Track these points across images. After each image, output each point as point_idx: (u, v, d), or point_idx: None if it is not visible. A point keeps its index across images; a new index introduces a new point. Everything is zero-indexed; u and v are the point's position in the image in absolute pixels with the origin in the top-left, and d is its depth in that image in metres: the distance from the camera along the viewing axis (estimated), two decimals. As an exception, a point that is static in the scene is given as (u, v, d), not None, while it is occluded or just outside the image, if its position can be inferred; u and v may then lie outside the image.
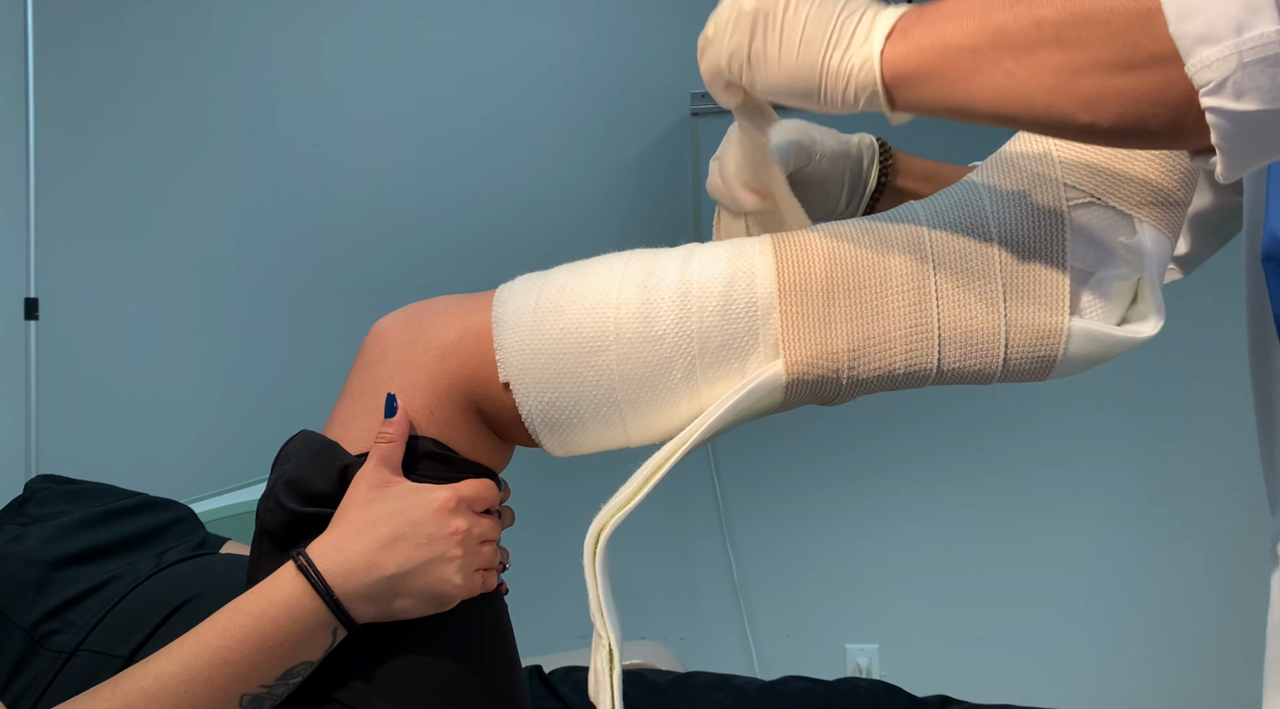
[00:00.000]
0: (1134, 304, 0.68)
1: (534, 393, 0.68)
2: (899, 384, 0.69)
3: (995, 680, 2.01)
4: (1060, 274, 0.65)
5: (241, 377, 2.17)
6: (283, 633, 0.62)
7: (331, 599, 0.63)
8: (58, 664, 0.75)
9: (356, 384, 0.71)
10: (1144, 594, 1.98)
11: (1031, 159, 0.69)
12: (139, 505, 0.96)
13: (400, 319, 0.72)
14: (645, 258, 0.72)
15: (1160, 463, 1.96)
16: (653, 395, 0.68)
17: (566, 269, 0.73)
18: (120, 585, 0.81)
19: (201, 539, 0.97)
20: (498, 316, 0.69)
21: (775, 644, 2.07)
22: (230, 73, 2.18)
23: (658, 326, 0.67)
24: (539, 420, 0.69)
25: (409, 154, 2.13)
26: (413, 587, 0.65)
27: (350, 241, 2.14)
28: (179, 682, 0.61)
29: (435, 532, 0.66)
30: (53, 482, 0.99)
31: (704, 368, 0.67)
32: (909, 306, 0.66)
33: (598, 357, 0.67)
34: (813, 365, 0.66)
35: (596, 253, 0.76)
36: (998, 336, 0.66)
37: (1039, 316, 0.66)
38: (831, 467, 2.03)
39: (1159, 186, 0.66)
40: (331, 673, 0.66)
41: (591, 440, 0.71)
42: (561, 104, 2.09)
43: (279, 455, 0.70)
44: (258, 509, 0.69)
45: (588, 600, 0.67)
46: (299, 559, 0.64)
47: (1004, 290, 0.66)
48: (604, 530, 0.67)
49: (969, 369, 0.67)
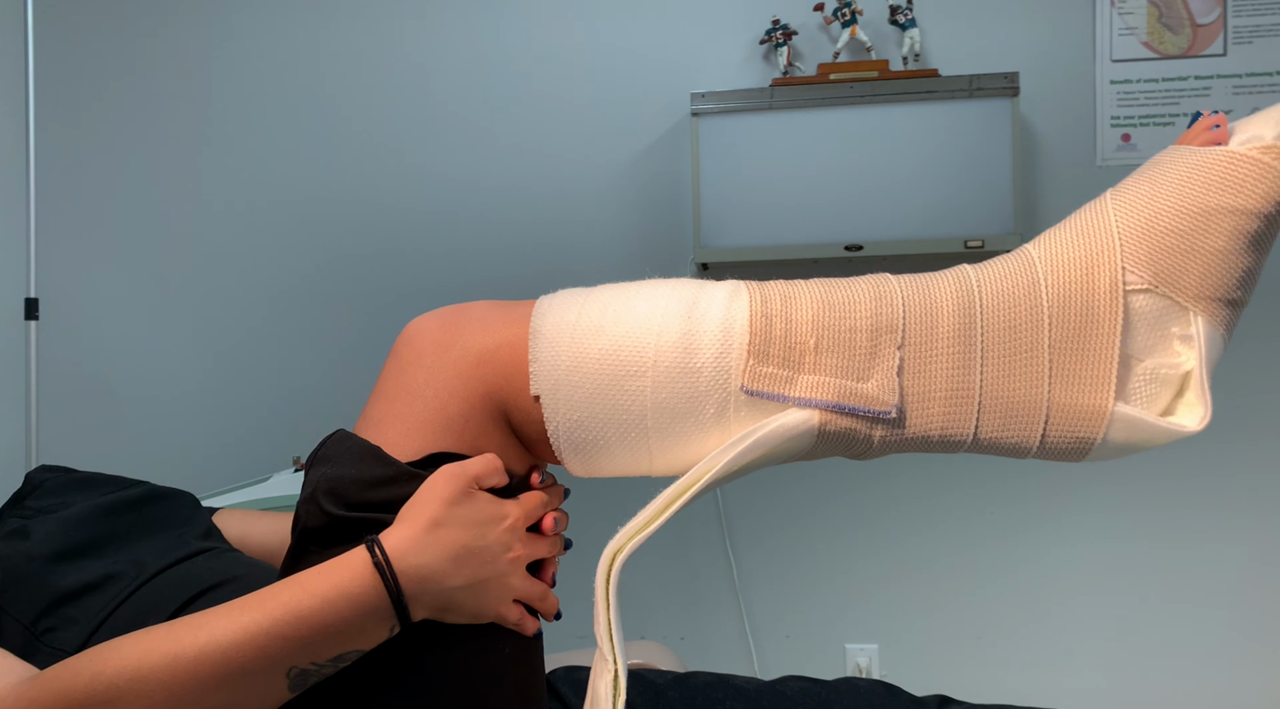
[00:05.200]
0: (1180, 396, 0.67)
1: (564, 410, 0.67)
2: (933, 447, 0.68)
3: (995, 680, 2.01)
4: (1109, 357, 0.65)
5: (241, 377, 2.17)
6: (344, 620, 0.62)
7: (400, 600, 0.63)
8: (57, 662, 0.74)
9: (390, 385, 0.70)
10: (1144, 594, 1.98)
11: (1095, 236, 0.68)
12: (143, 496, 0.96)
13: (437, 321, 0.71)
14: (691, 288, 0.71)
15: (1160, 463, 1.96)
16: (683, 427, 0.67)
17: (611, 289, 0.72)
18: (123, 583, 0.80)
19: (207, 527, 0.96)
20: (536, 329, 0.69)
21: (775, 644, 2.07)
22: (231, 73, 2.18)
23: (697, 359, 0.66)
24: (565, 438, 0.68)
25: (409, 154, 2.13)
26: (466, 603, 0.65)
27: (350, 241, 2.14)
28: (232, 643, 0.61)
29: (500, 553, 0.66)
30: (54, 472, 0.98)
31: (737, 406, 0.67)
32: (953, 369, 0.66)
33: (633, 381, 0.67)
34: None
35: (596, 252, 0.76)
36: (1039, 412, 0.65)
37: (1083, 397, 0.65)
38: (831, 466, 2.03)
39: (1219, 283, 0.65)
40: (361, 676, 0.66)
41: (614, 464, 0.70)
42: (561, 104, 2.09)
43: (317, 455, 0.69)
44: (297, 511, 0.68)
45: (594, 622, 0.66)
46: (375, 553, 0.63)
47: (1050, 366, 0.65)
48: (620, 554, 0.66)
49: (1006, 441, 0.67)
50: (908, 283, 0.69)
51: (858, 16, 1.94)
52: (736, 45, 2.05)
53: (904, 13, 1.93)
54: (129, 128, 2.19)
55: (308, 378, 2.15)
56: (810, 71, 1.99)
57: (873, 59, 1.95)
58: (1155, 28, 1.96)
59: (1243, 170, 0.65)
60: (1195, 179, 0.66)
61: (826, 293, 0.69)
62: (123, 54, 2.20)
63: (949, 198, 1.82)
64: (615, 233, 2.07)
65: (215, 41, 2.18)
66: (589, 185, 2.08)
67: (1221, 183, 0.65)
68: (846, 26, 1.94)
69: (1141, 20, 1.96)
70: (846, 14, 1.94)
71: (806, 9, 2.01)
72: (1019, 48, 1.98)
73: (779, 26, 1.98)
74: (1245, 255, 0.65)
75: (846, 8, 1.94)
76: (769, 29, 1.99)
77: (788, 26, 1.98)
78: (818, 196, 1.85)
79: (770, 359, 0.66)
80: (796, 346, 0.67)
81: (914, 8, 1.96)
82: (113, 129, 2.20)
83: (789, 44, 1.96)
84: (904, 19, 1.94)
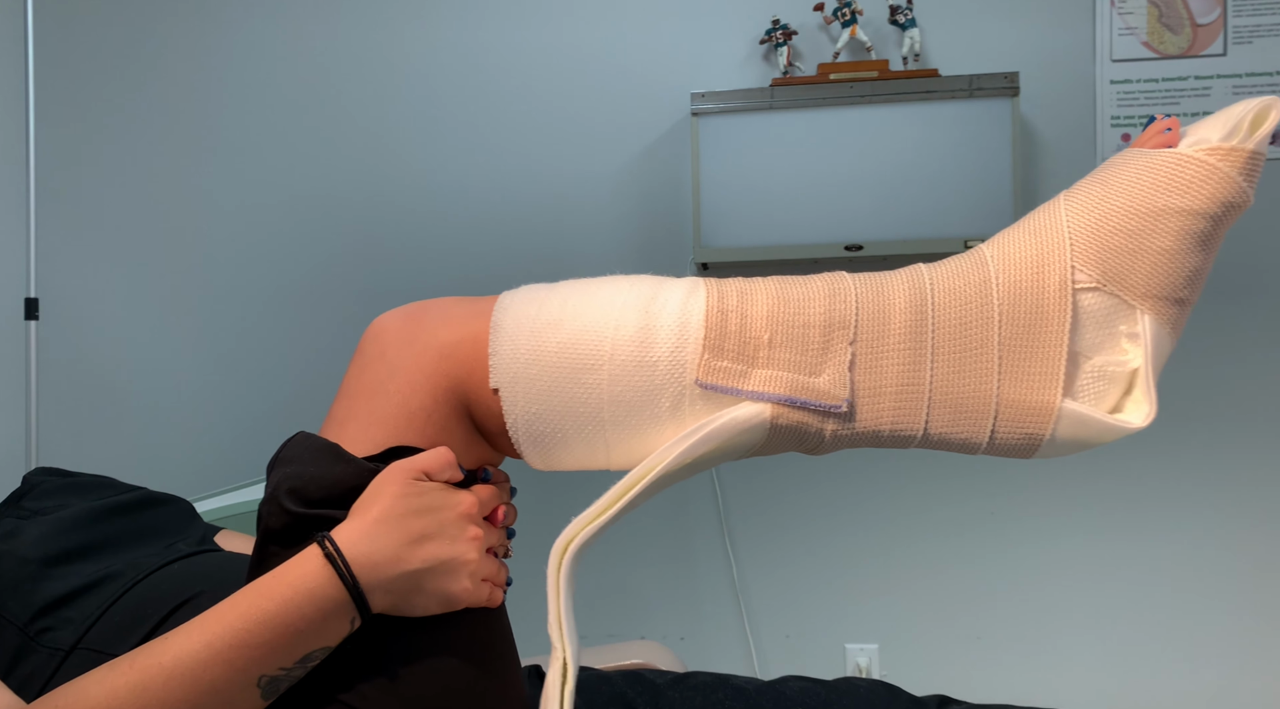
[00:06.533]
0: (1128, 393, 0.68)
1: (522, 403, 0.68)
2: (884, 442, 0.69)
3: (995, 680, 2.01)
4: (1058, 355, 0.66)
5: (241, 377, 2.17)
6: (304, 619, 0.62)
7: (356, 589, 0.63)
8: (54, 661, 0.74)
9: (354, 383, 0.70)
10: (1144, 594, 1.98)
11: (1046, 235, 0.69)
12: (138, 500, 0.96)
13: (400, 317, 0.72)
14: (651, 284, 0.72)
15: (1159, 463, 1.96)
16: (639, 420, 0.68)
17: (572, 285, 0.73)
18: (119, 582, 0.80)
19: (202, 534, 0.96)
20: (497, 323, 0.69)
21: (775, 644, 2.07)
22: (231, 73, 2.18)
23: (653, 353, 0.67)
24: (523, 431, 0.69)
25: (409, 154, 2.13)
26: (430, 585, 0.65)
27: (350, 241, 2.14)
28: (198, 661, 0.60)
29: (457, 534, 0.67)
30: (51, 474, 0.98)
31: (692, 400, 0.67)
32: (904, 365, 0.67)
33: (589, 375, 0.67)
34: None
35: (596, 252, 0.77)
36: (988, 408, 0.66)
37: (1031, 394, 0.66)
38: (831, 466, 2.03)
39: (1166, 282, 0.66)
40: (335, 672, 0.66)
41: (573, 458, 0.71)
42: (561, 103, 2.09)
43: (278, 457, 0.69)
44: (259, 512, 0.68)
45: (547, 611, 0.67)
46: (325, 545, 0.63)
47: (1000, 363, 0.66)
48: (571, 544, 0.67)
49: (955, 437, 0.68)
50: (862, 280, 0.70)
51: (858, 16, 1.94)
52: (736, 45, 2.05)
53: (904, 13, 1.93)
54: (129, 128, 2.19)
55: (308, 378, 2.15)
56: (810, 71, 1.99)
57: (873, 59, 1.95)
58: (1155, 28, 1.96)
59: (1189, 172, 0.66)
60: (1144, 180, 0.67)
61: (782, 289, 0.70)
62: (122, 54, 2.20)
63: (949, 198, 1.82)
64: (615, 233, 2.07)
65: (215, 42, 2.18)
66: (589, 185, 2.08)
67: (1169, 184, 0.66)
68: (846, 26, 1.94)
69: (1141, 20, 1.96)
70: (846, 14, 1.94)
71: (806, 9, 2.01)
72: (1019, 48, 1.98)
73: (779, 26, 1.98)
74: (1192, 255, 0.66)
75: (846, 8, 1.94)
76: (769, 29, 1.99)
77: (788, 26, 1.98)
78: (818, 196, 1.85)
79: (725, 353, 0.67)
80: (751, 341, 0.68)
81: (914, 8, 1.96)
82: (113, 129, 2.20)
83: (789, 44, 1.96)
84: (904, 19, 1.94)
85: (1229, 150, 0.65)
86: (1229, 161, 0.65)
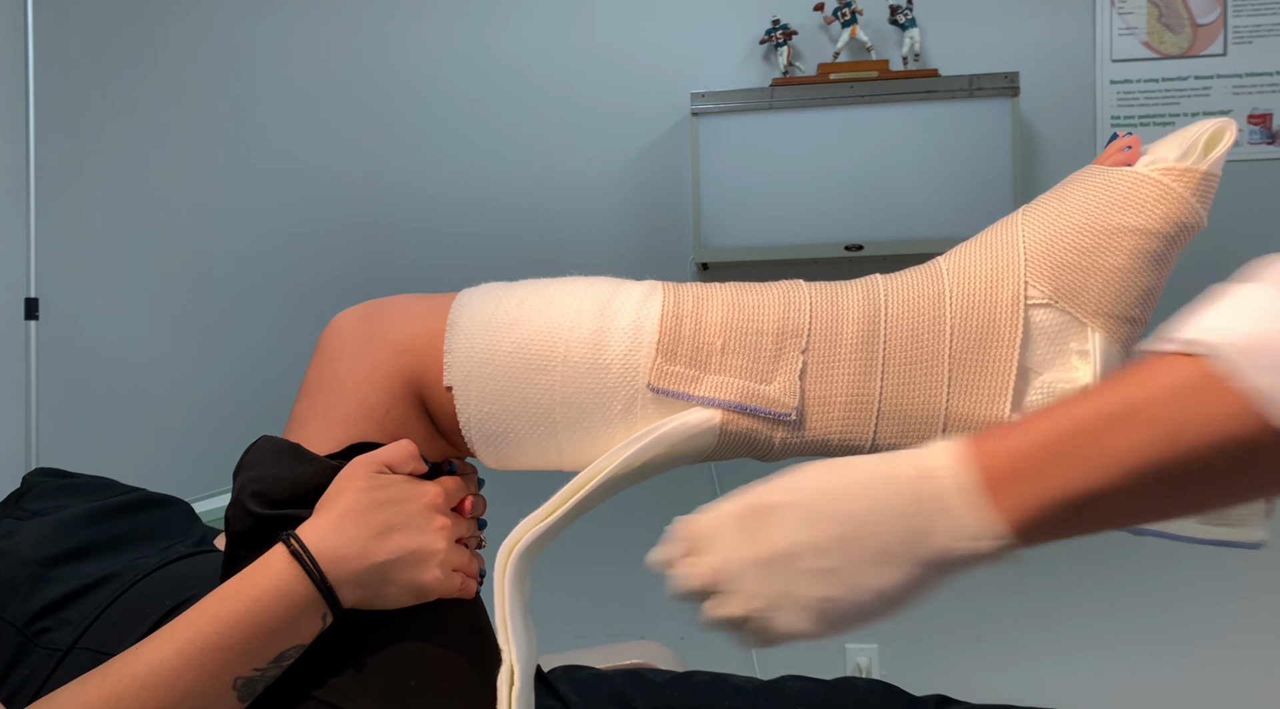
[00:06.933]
0: None
1: (475, 402, 0.68)
2: (833, 451, 0.68)
3: (995, 680, 2.01)
4: (1008, 369, 0.66)
5: (241, 377, 2.17)
6: (275, 618, 0.62)
7: (324, 585, 0.63)
8: (53, 661, 0.74)
9: (313, 382, 0.71)
10: (1143, 594, 1.98)
11: (1001, 250, 0.69)
12: (137, 501, 0.96)
13: (357, 315, 0.72)
14: (608, 286, 0.72)
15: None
16: (591, 422, 0.68)
17: (530, 284, 0.73)
18: (117, 583, 0.80)
19: (201, 535, 0.96)
20: (453, 320, 0.69)
21: (775, 644, 2.07)
22: (230, 74, 2.18)
23: (606, 355, 0.67)
24: (476, 429, 0.69)
25: (409, 154, 2.13)
26: (399, 576, 0.65)
27: (349, 241, 2.14)
28: (171, 668, 0.60)
29: (424, 524, 0.67)
30: (51, 475, 0.98)
31: (644, 404, 0.67)
32: (854, 375, 0.67)
33: (543, 375, 0.67)
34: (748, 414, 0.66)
35: (597, 252, 0.77)
36: (937, 420, 0.66)
37: (981, 408, 0.66)
38: (831, 467, 2.03)
39: (1118, 300, 0.66)
40: (308, 669, 0.66)
41: (525, 457, 0.71)
42: (562, 103, 2.09)
43: (241, 463, 0.69)
44: (226, 516, 0.68)
45: (494, 617, 0.66)
46: (291, 543, 0.63)
47: (950, 376, 0.66)
48: (517, 545, 0.66)
49: (903, 449, 0.67)
50: (818, 290, 0.70)
51: (858, 16, 1.95)
52: (736, 45, 2.05)
53: (904, 13, 1.94)
54: (129, 128, 2.19)
55: (308, 378, 2.15)
56: (810, 71, 1.99)
57: (873, 59, 1.95)
58: (1155, 28, 1.96)
59: (1144, 190, 0.66)
60: (1100, 198, 0.67)
61: (738, 296, 0.70)
62: (122, 54, 2.20)
63: (949, 198, 1.82)
64: (615, 233, 2.07)
65: (215, 42, 2.18)
66: (589, 185, 2.08)
67: (1124, 202, 0.66)
68: (846, 26, 1.94)
69: (1141, 20, 1.96)
70: (846, 14, 1.94)
71: (806, 9, 2.01)
72: (1019, 48, 1.98)
73: (779, 26, 1.98)
74: (1145, 274, 0.66)
75: (846, 8, 1.94)
76: (769, 29, 1.99)
77: (788, 26, 1.98)
78: (818, 196, 1.85)
79: (678, 358, 0.67)
80: (704, 347, 0.68)
81: (914, 8, 1.96)
82: (113, 129, 2.20)
83: (789, 44, 1.96)
84: (904, 19, 1.94)
85: (1183, 171, 0.65)
86: (1182, 182, 0.65)
